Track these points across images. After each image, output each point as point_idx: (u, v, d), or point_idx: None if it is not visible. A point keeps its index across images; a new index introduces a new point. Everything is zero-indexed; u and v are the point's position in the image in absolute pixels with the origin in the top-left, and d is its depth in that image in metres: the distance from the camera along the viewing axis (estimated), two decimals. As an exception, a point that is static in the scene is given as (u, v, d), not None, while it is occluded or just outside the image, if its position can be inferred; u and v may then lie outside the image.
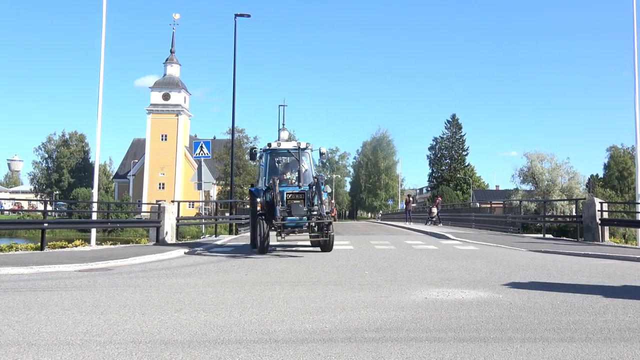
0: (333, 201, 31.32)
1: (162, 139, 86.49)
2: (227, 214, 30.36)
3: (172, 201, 23.34)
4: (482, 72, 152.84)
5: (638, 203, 24.36)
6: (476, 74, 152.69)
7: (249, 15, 28.81)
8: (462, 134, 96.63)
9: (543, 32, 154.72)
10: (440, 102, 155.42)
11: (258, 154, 15.70)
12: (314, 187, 14.12)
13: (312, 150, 15.51)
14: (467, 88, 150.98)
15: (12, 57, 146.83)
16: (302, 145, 15.06)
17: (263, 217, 13.92)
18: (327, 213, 14.39)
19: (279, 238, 13.40)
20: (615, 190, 72.75)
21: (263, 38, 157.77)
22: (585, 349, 4.64)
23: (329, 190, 16.76)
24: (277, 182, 13.91)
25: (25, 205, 65.00)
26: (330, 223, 13.96)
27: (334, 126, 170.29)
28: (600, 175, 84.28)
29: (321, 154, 15.96)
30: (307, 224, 13.77)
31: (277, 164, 15.28)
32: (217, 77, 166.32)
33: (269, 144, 15.04)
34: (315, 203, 13.92)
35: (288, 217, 13.58)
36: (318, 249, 14.84)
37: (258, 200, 14.59)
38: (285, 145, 15.33)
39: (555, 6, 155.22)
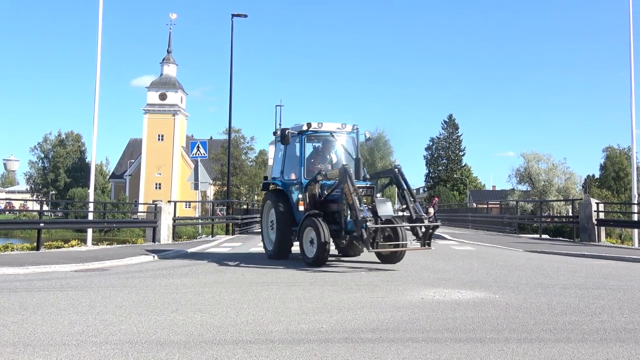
0: None
1: (158, 139, 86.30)
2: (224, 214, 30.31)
3: (169, 201, 23.31)
4: (479, 73, 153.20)
5: (634, 204, 24.41)
6: (473, 74, 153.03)
7: (245, 16, 28.83)
8: (459, 134, 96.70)
9: (540, 34, 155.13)
10: (437, 102, 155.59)
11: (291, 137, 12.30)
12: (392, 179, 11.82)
13: (358, 134, 12.81)
14: (463, 88, 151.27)
15: (8, 57, 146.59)
16: (348, 129, 12.57)
17: (319, 217, 11.09)
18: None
19: (371, 248, 10.22)
20: (612, 191, 72.83)
21: (260, 38, 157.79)
22: (582, 349, 4.65)
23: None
24: (348, 171, 10.78)
25: (16, 205, 64.86)
26: (437, 226, 11.36)
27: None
28: (597, 175, 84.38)
29: (367, 139, 13.37)
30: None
31: (317, 151, 12.86)
32: (215, 77, 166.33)
33: (309, 124, 12.20)
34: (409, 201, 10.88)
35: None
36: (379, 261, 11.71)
37: (299, 196, 11.92)
38: (327, 127, 12.45)
39: (551, 8, 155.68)
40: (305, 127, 12.23)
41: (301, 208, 11.75)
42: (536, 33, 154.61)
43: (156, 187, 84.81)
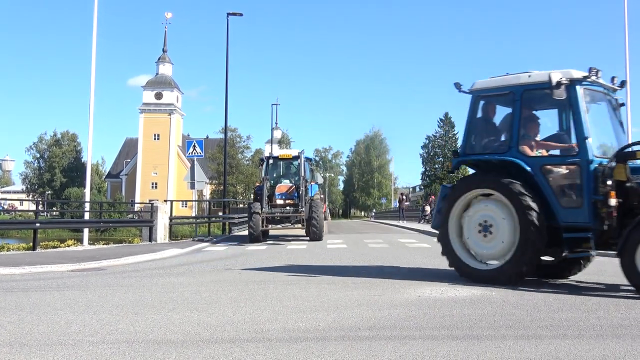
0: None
1: (154, 138, 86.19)
2: (220, 214, 30.29)
3: (165, 201, 23.29)
4: (474, 71, 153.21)
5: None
6: (468, 72, 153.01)
7: (241, 14, 28.78)
8: (455, 132, 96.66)
9: (535, 33, 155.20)
10: (433, 100, 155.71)
11: None
12: None
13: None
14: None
15: (3, 57, 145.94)
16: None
17: None
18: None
19: None
20: (608, 188, 72.99)
21: (256, 37, 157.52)
22: (578, 345, 4.66)
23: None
24: None
25: (7, 205, 64.65)
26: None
27: (327, 125, 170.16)
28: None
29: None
30: None
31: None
32: (211, 76, 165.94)
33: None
34: None
35: None
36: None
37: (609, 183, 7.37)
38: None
39: (548, 7, 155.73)
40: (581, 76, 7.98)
41: (612, 202, 7.41)
42: (532, 32, 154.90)
43: (152, 187, 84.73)
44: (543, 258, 8.37)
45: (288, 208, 18.34)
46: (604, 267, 10.42)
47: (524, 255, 7.88)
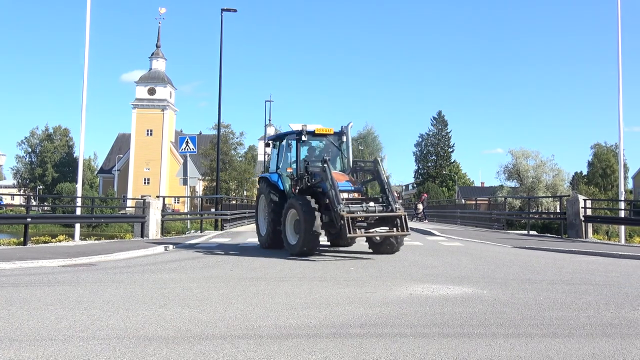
0: None
1: (147, 134, 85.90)
2: (213, 210, 30.25)
3: (157, 196, 23.23)
4: (468, 69, 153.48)
5: (621, 200, 24.64)
6: (462, 71, 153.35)
7: (235, 10, 28.76)
8: (448, 130, 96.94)
9: (528, 30, 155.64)
10: (427, 98, 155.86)
11: None
12: None
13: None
14: (453, 85, 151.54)
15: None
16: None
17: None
18: None
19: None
20: (599, 188, 73.38)
21: (250, 33, 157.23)
22: (568, 344, 4.68)
23: None
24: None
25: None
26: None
27: (320, 122, 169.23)
28: (584, 172, 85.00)
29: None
30: None
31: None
32: (205, 72, 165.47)
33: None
34: None
35: None
36: None
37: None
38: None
39: (539, 4, 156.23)
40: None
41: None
42: (524, 30, 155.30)
43: (145, 182, 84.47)
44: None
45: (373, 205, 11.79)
46: (593, 266, 10.44)
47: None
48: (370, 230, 11.74)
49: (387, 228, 11.75)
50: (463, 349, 4.52)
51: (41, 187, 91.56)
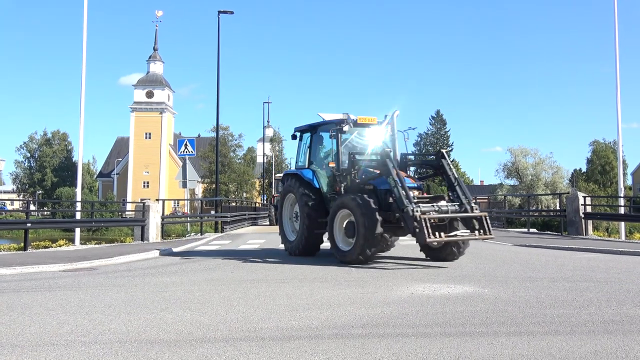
0: None
1: (146, 137, 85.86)
2: (213, 212, 30.24)
3: (157, 200, 23.22)
4: (466, 68, 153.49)
5: (620, 197, 24.65)
6: (460, 70, 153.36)
7: (232, 12, 28.84)
8: (447, 129, 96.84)
9: (526, 28, 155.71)
10: (425, 97, 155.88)
11: None
12: None
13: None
14: (451, 84, 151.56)
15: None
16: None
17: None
18: None
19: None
20: (598, 184, 73.33)
21: (247, 35, 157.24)
22: (570, 341, 4.68)
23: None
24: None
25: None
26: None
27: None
28: (583, 169, 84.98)
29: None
30: None
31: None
32: (203, 74, 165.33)
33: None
34: None
35: None
36: None
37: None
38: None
39: (537, 3, 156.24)
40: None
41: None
42: (523, 28, 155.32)
43: (144, 186, 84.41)
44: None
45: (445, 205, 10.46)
46: (594, 263, 10.45)
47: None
48: (451, 234, 10.10)
49: (468, 231, 10.26)
50: (465, 348, 4.52)
51: (40, 192, 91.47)
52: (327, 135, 12.26)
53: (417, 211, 9.65)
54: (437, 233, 9.72)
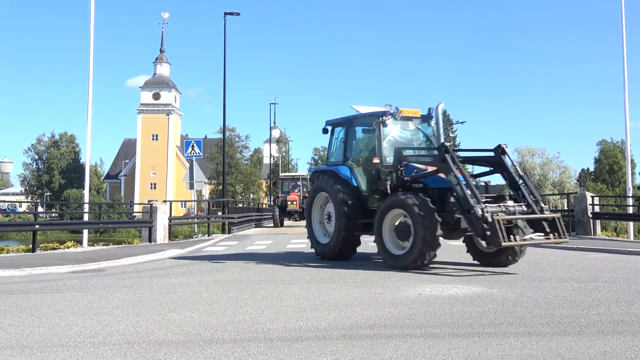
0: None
1: (152, 139, 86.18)
2: (220, 213, 30.30)
3: (164, 201, 23.28)
4: (472, 68, 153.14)
5: (629, 197, 24.52)
6: (466, 69, 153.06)
7: (238, 14, 28.89)
8: (453, 129, 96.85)
9: (533, 27, 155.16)
10: (431, 97, 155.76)
11: None
12: None
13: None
14: (457, 83, 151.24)
15: (0, 58, 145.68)
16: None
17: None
18: None
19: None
20: (606, 184, 73.06)
21: (253, 36, 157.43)
22: (579, 342, 4.67)
23: None
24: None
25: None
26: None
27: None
28: (591, 169, 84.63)
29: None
30: None
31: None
32: (209, 76, 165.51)
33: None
34: None
35: None
36: None
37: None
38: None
39: (544, 1, 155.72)
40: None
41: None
42: (529, 27, 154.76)
43: (151, 187, 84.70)
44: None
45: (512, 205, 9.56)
46: (602, 263, 10.41)
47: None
48: (526, 237, 9.20)
49: (542, 234, 9.19)
50: (474, 348, 4.50)
51: (48, 194, 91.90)
52: (365, 129, 11.57)
53: (487, 212, 8.78)
54: (510, 236, 8.82)
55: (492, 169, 10.55)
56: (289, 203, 31.50)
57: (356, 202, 11.01)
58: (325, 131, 12.40)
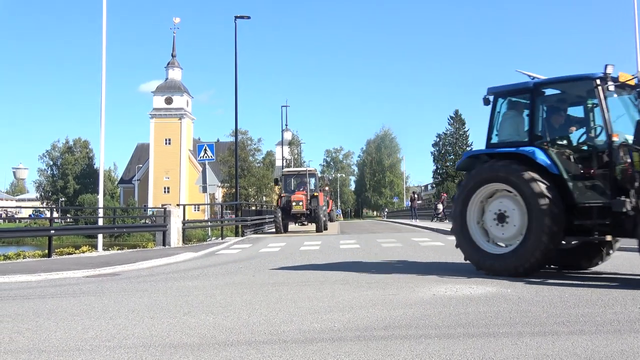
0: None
1: (165, 143, 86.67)
2: (233, 216, 30.38)
3: (178, 205, 23.38)
4: (484, 67, 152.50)
5: None
6: (478, 69, 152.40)
7: (248, 17, 28.92)
8: (466, 129, 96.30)
9: (542, 28, 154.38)
10: (443, 98, 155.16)
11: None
12: None
13: None
14: (469, 83, 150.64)
15: (15, 65, 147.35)
16: None
17: None
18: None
19: None
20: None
21: (264, 39, 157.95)
22: (595, 341, 4.63)
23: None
24: None
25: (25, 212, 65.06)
26: None
27: (338, 125, 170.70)
28: None
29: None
30: None
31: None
32: (221, 80, 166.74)
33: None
34: None
35: None
36: None
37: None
38: None
39: (555, 3, 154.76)
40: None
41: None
42: (539, 27, 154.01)
43: (165, 191, 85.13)
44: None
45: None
46: (618, 261, 10.33)
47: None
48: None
49: None
50: (489, 348, 4.48)
51: (63, 199, 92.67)
52: (560, 97, 9.19)
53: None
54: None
55: None
56: (293, 204, 26.39)
57: (560, 194, 8.30)
58: (487, 102, 9.54)
